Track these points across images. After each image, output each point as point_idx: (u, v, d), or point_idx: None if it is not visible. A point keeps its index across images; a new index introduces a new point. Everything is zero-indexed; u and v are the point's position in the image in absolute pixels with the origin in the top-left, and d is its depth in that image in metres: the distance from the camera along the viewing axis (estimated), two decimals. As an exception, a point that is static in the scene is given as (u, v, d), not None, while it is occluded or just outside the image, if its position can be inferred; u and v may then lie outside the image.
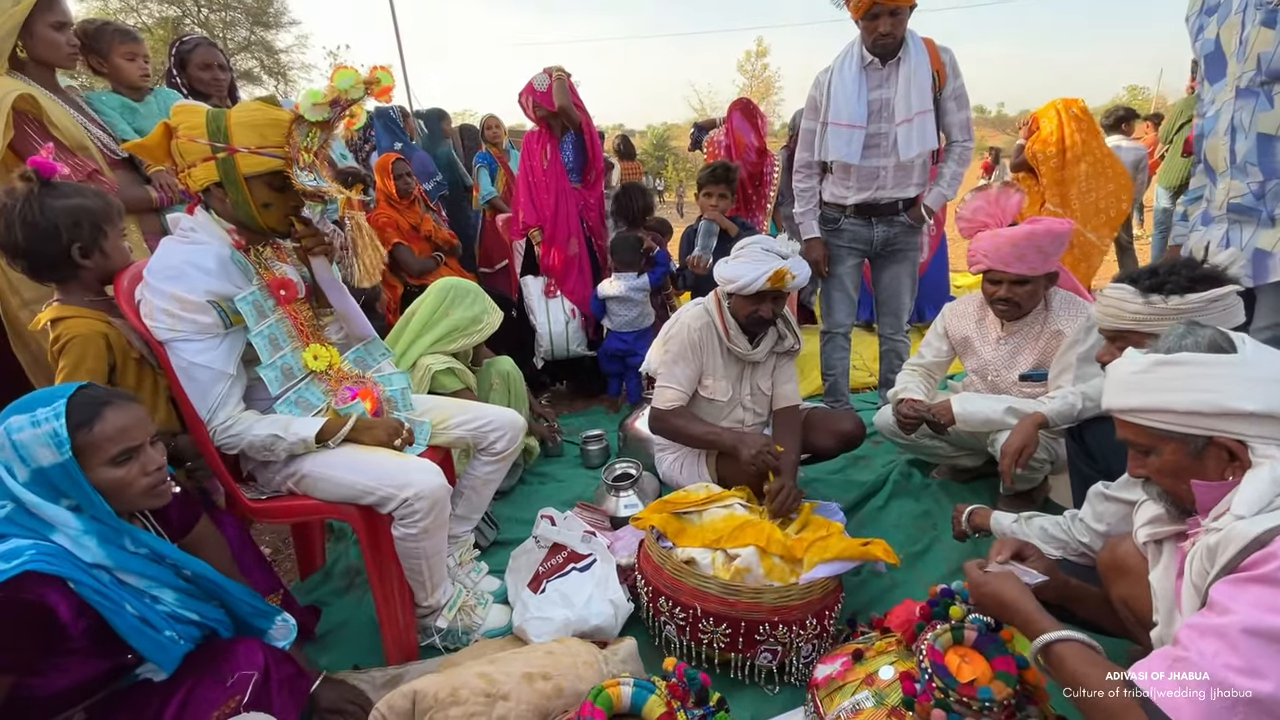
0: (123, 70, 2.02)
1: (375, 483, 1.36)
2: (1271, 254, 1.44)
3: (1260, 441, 0.85)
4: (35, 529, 0.98)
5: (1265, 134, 1.41)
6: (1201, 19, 1.61)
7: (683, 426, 1.93)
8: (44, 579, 0.94)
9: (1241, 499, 0.83)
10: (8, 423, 0.98)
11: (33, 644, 0.94)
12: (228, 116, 1.30)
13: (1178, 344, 0.93)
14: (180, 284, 1.27)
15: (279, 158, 1.32)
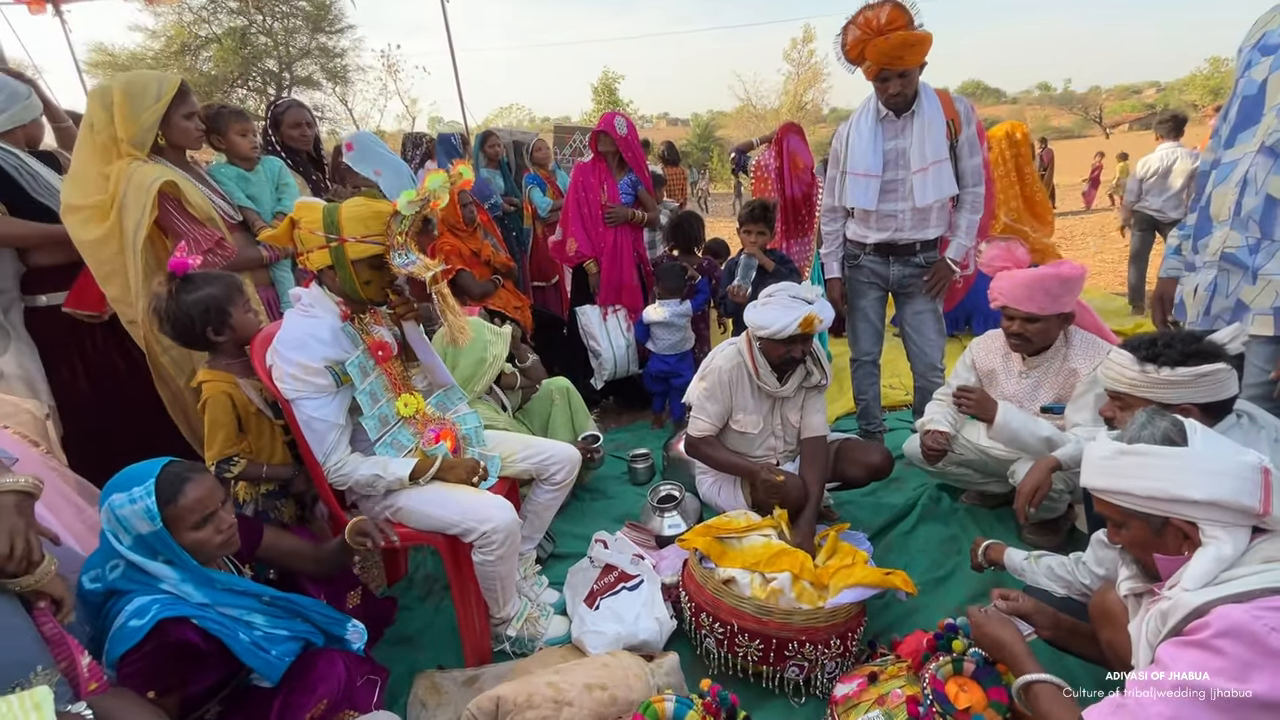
0: (237, 145, 2.34)
1: (459, 517, 1.62)
2: (1249, 308, 1.53)
3: (1208, 524, 1.00)
4: (146, 582, 1.22)
5: (1273, 196, 1.50)
6: (1253, 55, 1.59)
7: (709, 453, 2.18)
8: (175, 621, 1.19)
9: (1189, 574, 0.98)
10: (110, 499, 1.22)
11: (186, 670, 1.22)
12: (340, 211, 1.57)
13: (1137, 434, 1.08)
14: (303, 354, 1.55)
15: (379, 244, 1.58)
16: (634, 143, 3.42)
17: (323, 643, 1.45)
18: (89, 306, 2.11)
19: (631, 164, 3.41)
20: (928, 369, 2.70)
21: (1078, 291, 1.99)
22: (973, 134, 2.42)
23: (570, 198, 3.56)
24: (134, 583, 1.21)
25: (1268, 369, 1.54)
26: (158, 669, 1.19)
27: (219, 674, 1.31)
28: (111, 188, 1.91)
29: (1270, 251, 1.50)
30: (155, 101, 1.98)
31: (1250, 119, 1.54)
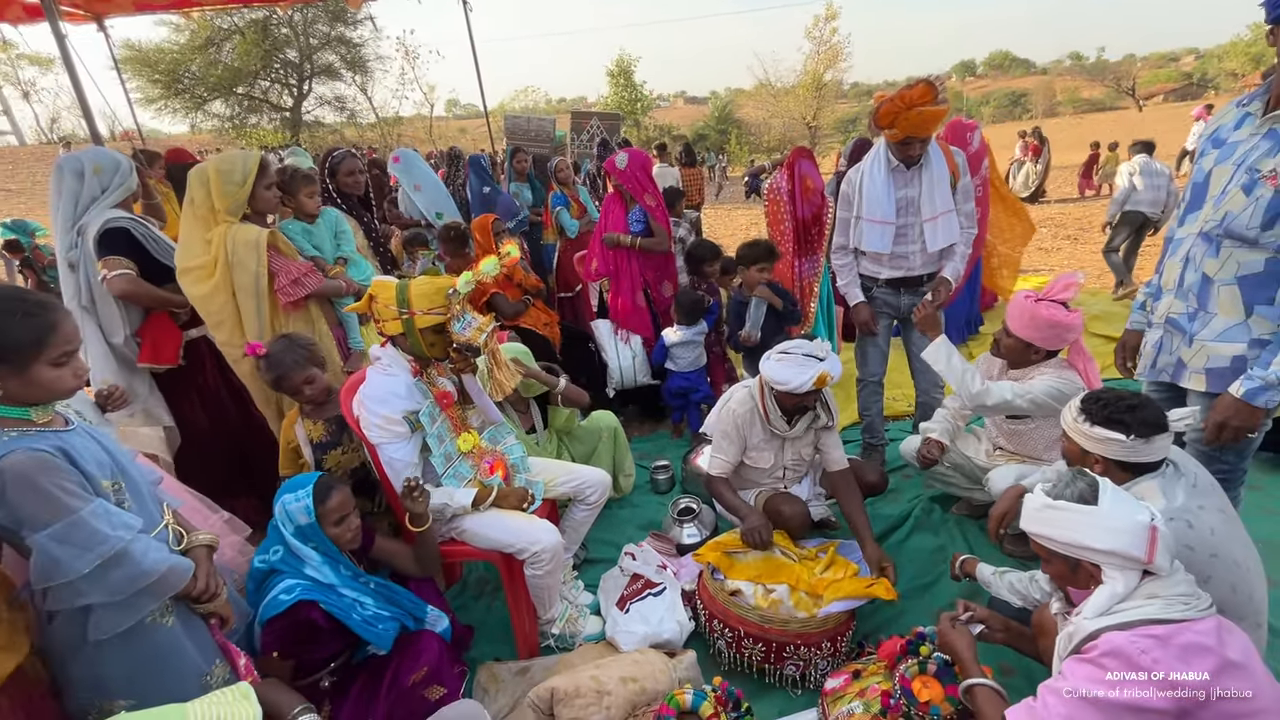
0: (305, 205, 2.68)
1: (514, 539, 1.96)
2: (1186, 366, 1.78)
3: (1109, 567, 1.28)
4: (296, 566, 1.64)
5: (1207, 275, 1.74)
6: (1206, 145, 1.78)
7: (721, 493, 2.37)
8: (309, 604, 1.59)
9: (1089, 605, 1.27)
10: (283, 498, 1.66)
11: (306, 642, 1.61)
12: (409, 289, 1.89)
13: (1060, 492, 1.36)
14: (385, 408, 1.89)
15: (441, 315, 1.90)
16: (635, 175, 3.61)
17: (414, 627, 1.82)
18: (165, 360, 2.48)
19: (635, 197, 3.64)
20: (930, 386, 2.97)
21: (1064, 338, 2.24)
22: (968, 183, 2.67)
23: (599, 222, 3.92)
24: (288, 565, 1.63)
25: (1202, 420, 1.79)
26: (286, 636, 1.59)
27: (332, 649, 1.69)
28: (214, 250, 2.27)
29: (1204, 321, 1.74)
30: (243, 178, 2.32)
31: (1197, 203, 1.76)
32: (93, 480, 1.26)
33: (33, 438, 1.20)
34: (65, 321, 1.25)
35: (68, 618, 1.26)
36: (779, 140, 33.20)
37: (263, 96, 29.17)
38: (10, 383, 1.19)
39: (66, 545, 1.17)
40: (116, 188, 2.40)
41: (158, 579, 1.28)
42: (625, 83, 33.10)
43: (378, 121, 31.97)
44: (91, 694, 1.28)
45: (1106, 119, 34.99)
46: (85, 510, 1.20)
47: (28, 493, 1.15)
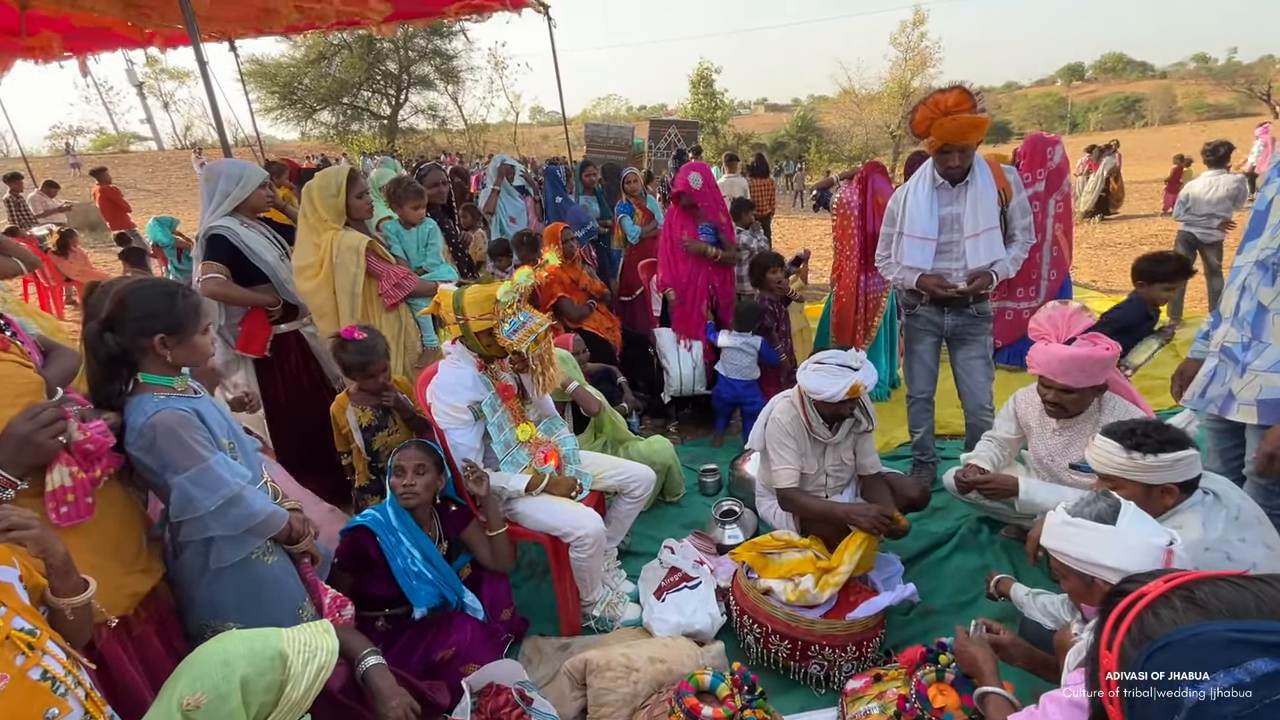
0: (409, 215, 3.00)
1: (560, 523, 2.14)
2: (1235, 398, 1.73)
3: (1119, 588, 1.30)
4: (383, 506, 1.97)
5: (1262, 304, 1.69)
6: (1273, 174, 1.76)
7: (805, 504, 2.36)
8: (365, 530, 1.91)
9: (1097, 622, 1.30)
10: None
11: (359, 563, 1.91)
12: (464, 297, 2.11)
13: (1080, 510, 1.39)
14: (454, 397, 2.12)
15: (490, 320, 2.11)
16: (710, 193, 3.79)
17: (455, 603, 2.03)
18: (254, 351, 2.83)
19: (709, 214, 3.79)
20: (977, 408, 2.93)
21: (1110, 369, 2.16)
22: (1023, 199, 2.64)
23: (664, 234, 4.06)
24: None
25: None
26: (345, 550, 1.95)
27: (382, 590, 1.95)
28: (322, 253, 2.60)
29: (1258, 351, 1.69)
30: (336, 189, 2.62)
31: (1256, 231, 1.73)
32: (216, 438, 1.53)
33: (175, 400, 1.49)
34: (204, 301, 1.57)
35: (194, 550, 1.52)
36: (861, 149, 32.36)
37: (364, 106, 31.37)
38: (178, 350, 1.48)
39: (199, 486, 1.43)
40: (231, 195, 2.75)
41: (263, 520, 1.54)
42: (705, 90, 33.23)
43: (466, 128, 33.66)
44: (209, 615, 1.55)
45: (1235, 126, 31.87)
46: (212, 460, 1.46)
47: (173, 442, 1.42)
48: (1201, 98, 55.32)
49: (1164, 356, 4.78)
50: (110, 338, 1.41)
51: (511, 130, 37.87)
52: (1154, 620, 0.68)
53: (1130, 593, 0.75)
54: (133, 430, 1.43)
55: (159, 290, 1.48)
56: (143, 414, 1.43)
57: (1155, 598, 0.70)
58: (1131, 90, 66.73)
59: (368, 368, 2.33)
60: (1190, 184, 5.33)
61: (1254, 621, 0.59)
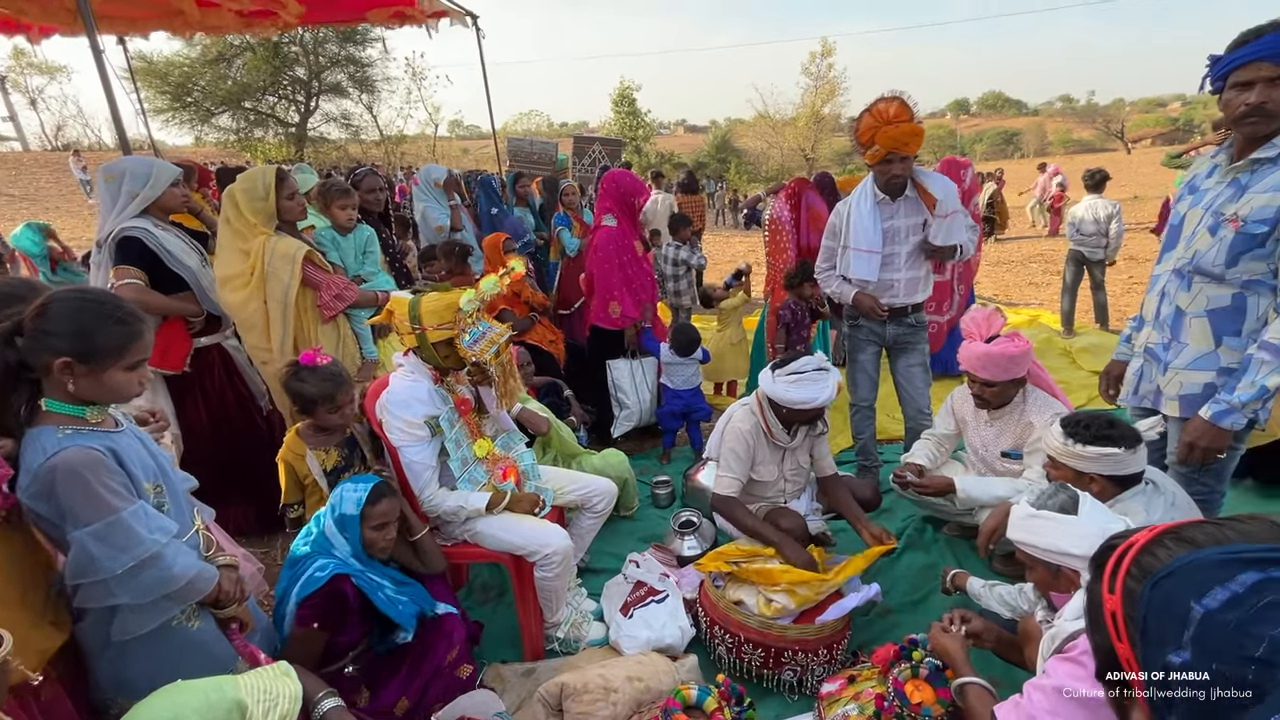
0: (337, 216, 2.81)
1: (525, 542, 2.04)
2: (1162, 393, 1.91)
3: (1086, 573, 1.38)
4: (327, 548, 1.74)
5: (1180, 308, 1.87)
6: (1184, 190, 1.94)
7: (736, 515, 2.37)
8: (343, 577, 1.68)
9: (1069, 608, 1.37)
10: (343, 485, 1.78)
11: (340, 616, 1.68)
12: (420, 305, 1.99)
13: (1044, 503, 1.46)
14: (408, 412, 1.98)
15: (450, 330, 2.00)
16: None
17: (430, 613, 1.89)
18: (171, 366, 2.57)
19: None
20: (917, 413, 3.08)
21: (1027, 363, 2.36)
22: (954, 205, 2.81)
23: (611, 263, 3.65)
24: (320, 546, 1.74)
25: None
26: (323, 607, 1.67)
27: (354, 635, 1.76)
28: (252, 260, 2.39)
29: (1177, 351, 1.87)
30: (265, 191, 2.43)
31: (1172, 243, 1.91)
32: (137, 482, 1.30)
33: (86, 436, 1.24)
34: (147, 333, 1.32)
35: (95, 617, 1.29)
36: (777, 170, 33.88)
37: (269, 112, 29.55)
38: (83, 381, 1.23)
39: (105, 544, 1.20)
40: (140, 195, 2.48)
41: (184, 585, 1.32)
42: (628, 109, 33.76)
43: (382, 140, 32.42)
44: (114, 691, 1.32)
45: (1096, 160, 35.89)
46: (126, 511, 1.23)
47: (76, 489, 1.18)
48: (1069, 134, 62.05)
49: (1062, 363, 5.26)
50: (17, 344, 1.19)
51: (430, 142, 36.86)
52: (1151, 559, 0.76)
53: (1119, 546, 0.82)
54: (26, 472, 1.18)
55: (90, 306, 1.24)
56: (41, 452, 1.19)
57: (1146, 542, 0.78)
58: (1010, 125, 73.81)
59: (335, 398, 2.06)
60: (1074, 209, 5.91)
61: (1238, 545, 0.70)
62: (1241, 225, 1.68)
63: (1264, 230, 1.65)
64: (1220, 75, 1.66)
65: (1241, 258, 1.71)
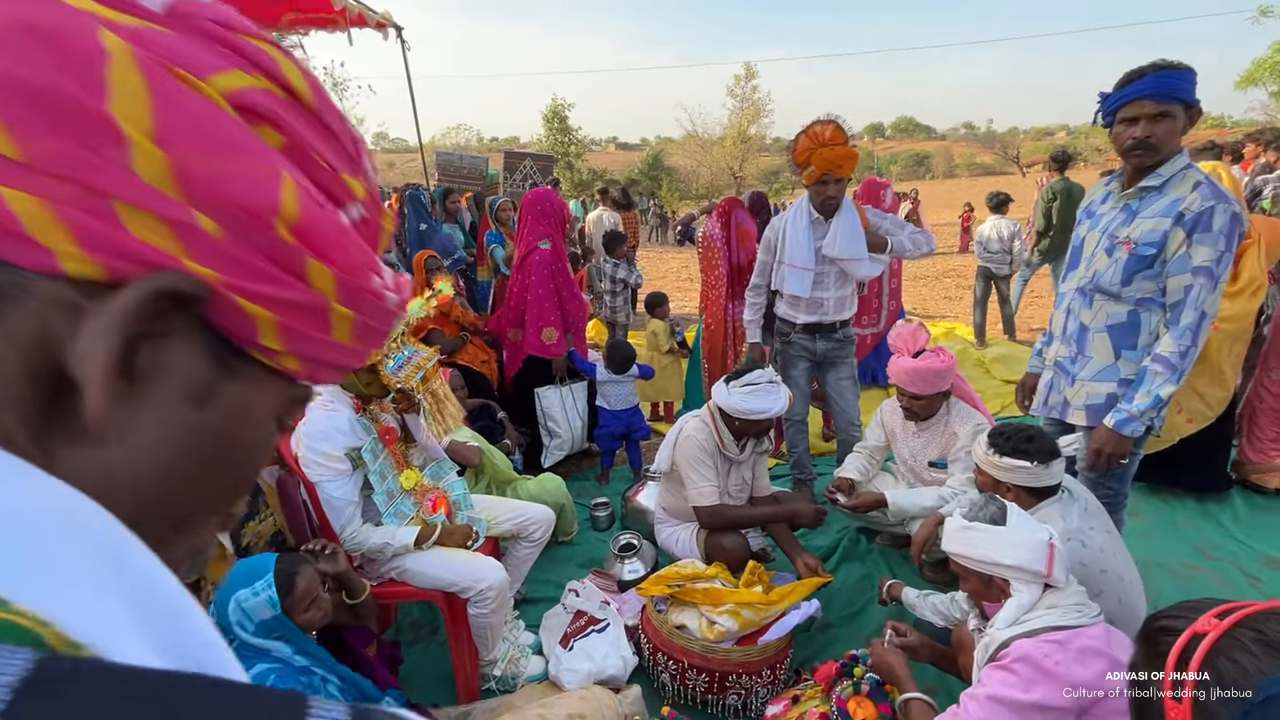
0: None
1: (458, 578, 1.92)
2: (1070, 404, 2.04)
3: (1015, 581, 1.43)
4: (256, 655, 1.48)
5: (1083, 324, 2.01)
6: (1082, 215, 2.09)
7: (738, 516, 2.41)
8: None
9: (1000, 617, 1.41)
10: (237, 595, 1.46)
11: None
12: None
13: (975, 515, 1.51)
14: (327, 444, 1.84)
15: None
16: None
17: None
18: None
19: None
20: (848, 425, 3.17)
21: (951, 377, 2.48)
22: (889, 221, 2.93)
23: (547, 288, 3.49)
24: (247, 656, 1.48)
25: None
26: None
27: None
28: None
29: (1083, 364, 2.00)
30: None
31: (1074, 264, 2.06)
32: None
33: None
34: None
35: None
36: (707, 188, 34.72)
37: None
38: None
39: None
40: None
41: None
42: (559, 126, 33.78)
43: (301, 151, 30.98)
44: None
45: (996, 182, 38.91)
46: None
47: None
48: (972, 157, 66.98)
49: (976, 372, 5.58)
50: None
51: (353, 155, 35.49)
52: (1231, 667, 0.64)
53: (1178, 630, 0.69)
54: None
55: None
56: None
57: (1219, 639, 0.66)
58: (920, 148, 78.99)
59: None
60: (980, 228, 6.39)
61: None
62: (1133, 247, 1.82)
63: (1152, 252, 1.79)
64: (1109, 111, 1.80)
65: (1134, 277, 1.84)
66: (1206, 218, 1.70)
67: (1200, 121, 1.86)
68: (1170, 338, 1.79)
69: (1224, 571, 2.68)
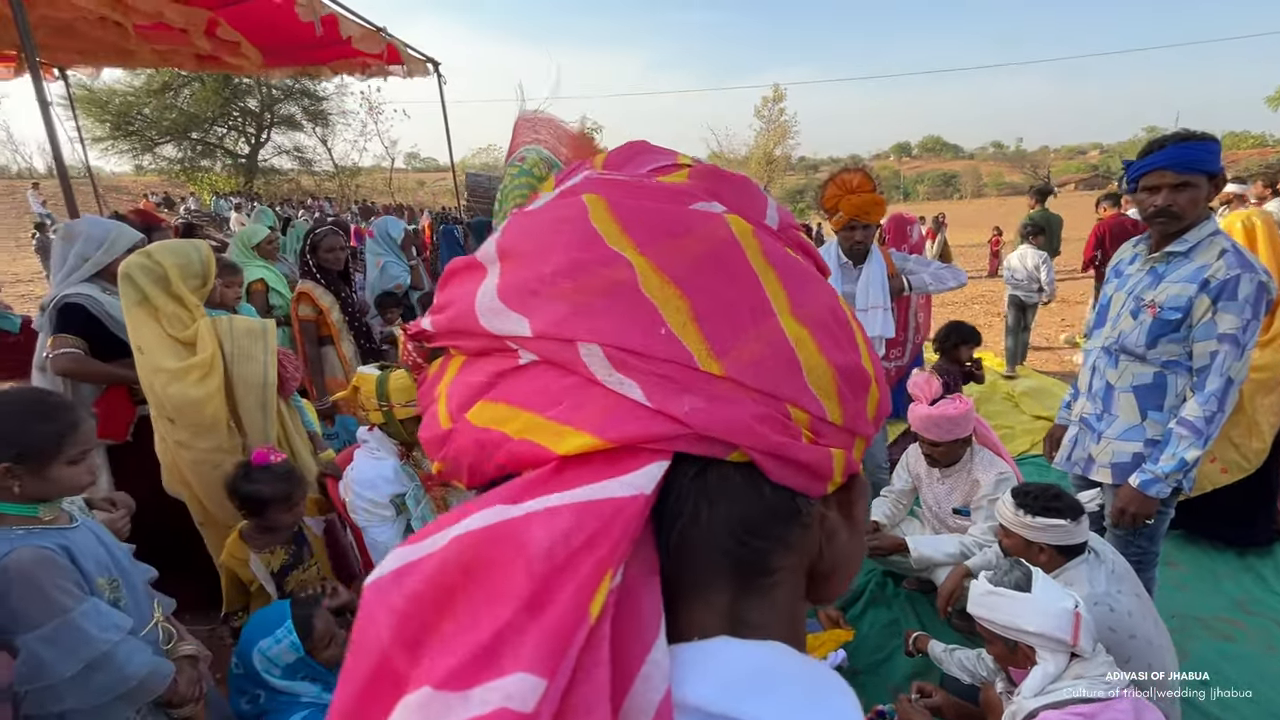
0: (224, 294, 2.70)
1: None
2: (1095, 461, 2.05)
3: (1041, 648, 1.45)
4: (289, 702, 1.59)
5: (1109, 382, 2.03)
6: (1111, 273, 2.12)
7: None
8: None
9: (1027, 685, 1.44)
10: (259, 645, 1.58)
11: None
12: (389, 383, 1.98)
13: (1000, 580, 1.54)
14: (373, 492, 1.94)
15: (415, 406, 1.99)
16: None
17: None
18: (114, 435, 2.41)
19: None
20: (875, 468, 3.19)
21: (969, 423, 2.50)
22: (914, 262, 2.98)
23: None
24: (278, 705, 1.58)
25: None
26: None
27: None
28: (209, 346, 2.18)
29: (1109, 422, 2.01)
30: (202, 269, 2.31)
31: (1101, 322, 2.08)
32: (89, 578, 1.27)
33: (38, 535, 1.23)
34: (84, 423, 1.30)
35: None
36: (731, 209, 34.79)
37: (218, 142, 28.84)
38: (27, 481, 1.22)
39: (55, 647, 1.18)
40: (91, 260, 2.37)
41: (137, 684, 1.28)
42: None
43: (336, 172, 31.97)
44: None
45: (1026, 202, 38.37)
46: (76, 611, 1.21)
47: (29, 592, 1.17)
48: (1001, 177, 66.19)
49: (1005, 406, 5.53)
50: None
51: (385, 176, 36.55)
52: None
53: None
54: None
55: (15, 409, 1.24)
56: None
57: None
58: (948, 168, 78.32)
59: (291, 499, 1.97)
60: (1009, 257, 6.42)
61: None
62: (1159, 311, 1.85)
63: (1177, 317, 1.81)
64: (1133, 178, 1.84)
65: (1160, 340, 1.86)
66: (1232, 286, 1.73)
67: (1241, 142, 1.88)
68: (1196, 402, 1.81)
69: (1264, 628, 2.62)
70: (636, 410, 0.27)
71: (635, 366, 0.27)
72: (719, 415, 0.27)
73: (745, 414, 0.28)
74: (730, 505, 0.29)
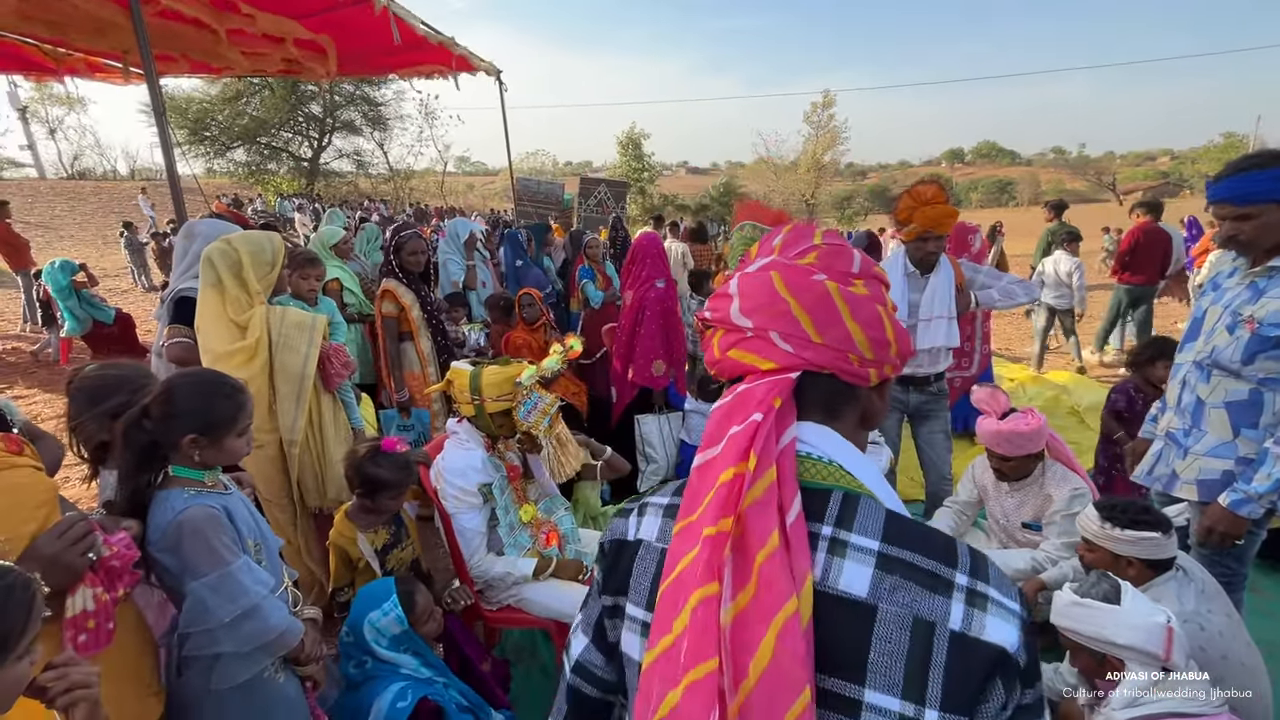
0: (299, 286, 2.86)
1: (570, 609, 2.09)
2: (1179, 477, 2.00)
3: (1131, 660, 1.45)
4: (392, 671, 1.74)
5: (1200, 397, 1.98)
6: (1208, 286, 2.07)
7: None
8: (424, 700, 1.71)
9: (1116, 698, 1.43)
10: (368, 616, 1.74)
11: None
12: (481, 376, 2.09)
13: (1087, 591, 1.54)
14: (464, 480, 2.06)
15: (508, 403, 2.10)
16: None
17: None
18: None
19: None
20: (939, 479, 3.16)
21: (1041, 440, 2.45)
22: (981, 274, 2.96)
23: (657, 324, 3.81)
24: (383, 672, 1.72)
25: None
26: None
27: None
28: (255, 333, 2.28)
29: (1198, 437, 1.97)
30: (273, 258, 2.42)
31: (1193, 335, 2.03)
32: (242, 539, 1.43)
33: (205, 496, 1.39)
34: (249, 402, 1.49)
35: (197, 668, 1.38)
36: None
37: (283, 146, 30.25)
38: (207, 450, 1.40)
39: (217, 594, 1.33)
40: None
41: (277, 636, 1.42)
42: (634, 152, 34.60)
43: (392, 175, 33.11)
44: None
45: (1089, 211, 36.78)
46: (235, 565, 1.36)
47: (198, 543, 1.32)
48: (1061, 184, 63.50)
49: (1070, 421, 5.36)
50: (147, 427, 1.34)
51: (438, 179, 37.62)
52: None
53: None
54: (157, 528, 1.32)
55: (205, 387, 1.42)
56: (170, 510, 1.33)
57: None
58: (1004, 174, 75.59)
59: (403, 486, 2.10)
60: (1044, 261, 6.45)
61: None
62: (1257, 326, 1.80)
63: (1277, 333, 1.77)
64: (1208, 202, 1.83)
65: (1257, 357, 1.82)
66: None
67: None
68: None
69: (1357, 661, 2.50)
70: (789, 355, 0.69)
71: (790, 340, 0.69)
72: (820, 357, 0.68)
73: (829, 357, 0.69)
74: (823, 388, 0.71)
